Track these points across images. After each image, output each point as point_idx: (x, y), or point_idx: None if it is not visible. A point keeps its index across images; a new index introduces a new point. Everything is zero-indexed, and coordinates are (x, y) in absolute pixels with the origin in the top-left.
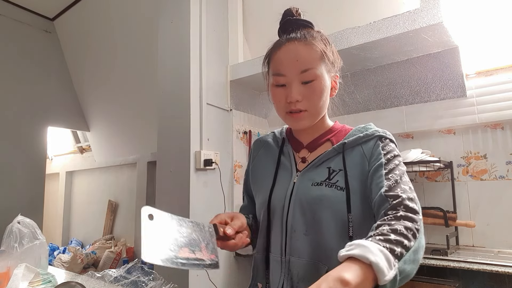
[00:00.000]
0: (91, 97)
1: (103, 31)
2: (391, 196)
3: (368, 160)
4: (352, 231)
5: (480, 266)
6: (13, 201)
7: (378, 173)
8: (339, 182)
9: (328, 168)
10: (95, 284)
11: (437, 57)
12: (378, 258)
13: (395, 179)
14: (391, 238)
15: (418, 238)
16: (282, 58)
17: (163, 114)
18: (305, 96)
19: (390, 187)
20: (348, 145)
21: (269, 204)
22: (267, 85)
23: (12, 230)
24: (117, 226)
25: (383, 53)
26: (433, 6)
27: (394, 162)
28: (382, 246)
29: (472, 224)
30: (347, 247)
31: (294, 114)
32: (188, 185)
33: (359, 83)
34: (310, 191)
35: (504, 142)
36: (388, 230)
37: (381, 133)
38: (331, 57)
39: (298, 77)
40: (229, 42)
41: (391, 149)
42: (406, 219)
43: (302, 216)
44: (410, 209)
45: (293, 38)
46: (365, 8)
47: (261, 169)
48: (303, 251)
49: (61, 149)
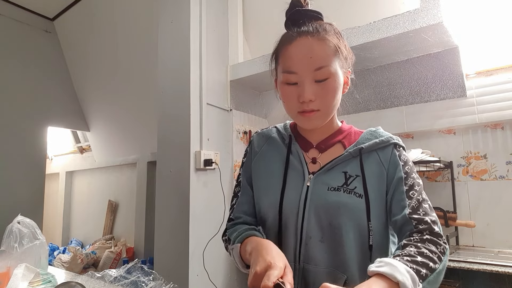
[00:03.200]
0: (91, 97)
1: (103, 31)
2: (415, 219)
3: (386, 168)
4: (372, 240)
5: (480, 266)
6: (13, 201)
7: (399, 189)
8: (358, 188)
9: (344, 172)
10: (95, 284)
11: (437, 57)
12: (405, 278)
13: (417, 198)
14: (417, 260)
15: (443, 261)
16: (293, 54)
17: (163, 114)
18: (319, 95)
19: (413, 208)
20: (365, 150)
21: (280, 208)
22: (274, 82)
23: (12, 230)
24: (117, 226)
25: (383, 53)
26: (433, 6)
27: (412, 176)
28: (409, 267)
29: (472, 224)
30: (377, 263)
31: (306, 114)
32: (188, 185)
33: (359, 83)
34: (326, 196)
35: (504, 142)
36: (415, 252)
37: (395, 141)
38: (344, 51)
39: (311, 75)
40: (229, 42)
41: (407, 159)
42: (431, 242)
43: (318, 222)
44: (435, 233)
45: (305, 32)
46: (365, 8)
47: (266, 167)
48: (319, 258)
49: (61, 149)
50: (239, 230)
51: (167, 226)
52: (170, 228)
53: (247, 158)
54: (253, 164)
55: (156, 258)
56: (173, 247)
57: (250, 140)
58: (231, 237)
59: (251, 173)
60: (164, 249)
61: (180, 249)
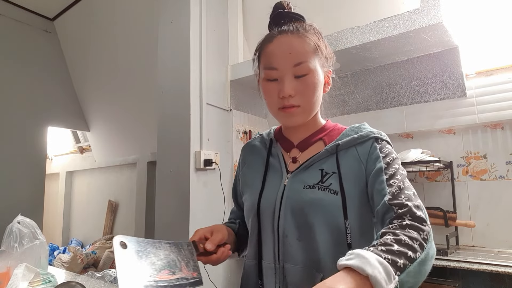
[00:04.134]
0: (91, 97)
1: (103, 31)
2: (395, 204)
3: (364, 163)
4: (351, 238)
5: (480, 266)
6: (13, 201)
7: (379, 179)
8: (333, 185)
9: (320, 170)
10: (95, 284)
11: (437, 57)
12: (376, 270)
13: (398, 185)
14: (394, 249)
15: (426, 249)
16: (274, 51)
17: (163, 114)
18: (298, 91)
19: (393, 194)
20: (342, 146)
21: (258, 208)
22: (257, 81)
23: (12, 230)
24: (117, 226)
25: (383, 53)
26: (433, 6)
27: (394, 166)
28: (383, 258)
29: (472, 224)
30: (347, 256)
31: (287, 110)
32: (188, 185)
33: (359, 83)
34: (302, 194)
35: (504, 142)
36: (392, 240)
37: (376, 134)
38: (324, 51)
39: (291, 70)
40: (229, 42)
41: (389, 151)
42: (412, 228)
43: (294, 220)
44: (417, 218)
45: (286, 31)
46: (365, 8)
47: (250, 174)
48: (297, 257)
49: (61, 149)
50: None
51: (167, 226)
52: (170, 228)
53: (236, 171)
54: (240, 176)
55: None
56: None
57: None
58: None
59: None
60: None
61: None
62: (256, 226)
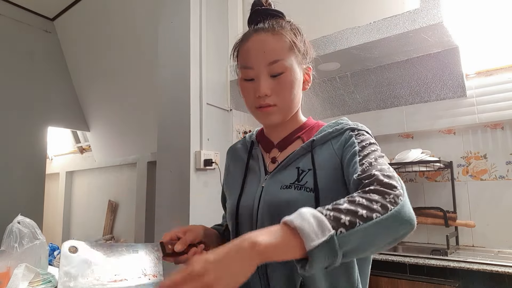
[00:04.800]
0: (91, 97)
1: (103, 31)
2: (365, 177)
3: (339, 156)
4: None
5: (480, 266)
6: (13, 201)
7: (352, 162)
8: (308, 183)
9: (297, 168)
10: None
11: (437, 57)
12: (306, 222)
13: (369, 161)
14: (341, 207)
15: (391, 212)
16: (249, 50)
17: (163, 114)
18: (274, 90)
19: (363, 170)
20: (317, 142)
21: (237, 212)
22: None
23: (12, 230)
24: (117, 226)
25: (383, 53)
26: (433, 6)
27: (369, 148)
28: (323, 214)
29: (472, 224)
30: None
31: (264, 109)
32: (188, 185)
33: (359, 83)
34: (278, 195)
35: (504, 142)
36: (344, 201)
37: (352, 126)
38: (301, 47)
39: (266, 69)
40: (229, 42)
41: (366, 138)
42: (375, 192)
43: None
44: (384, 184)
45: (260, 29)
46: (365, 8)
47: (232, 179)
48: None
49: (61, 149)
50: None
51: (167, 226)
52: (170, 228)
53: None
54: (224, 182)
55: None
56: None
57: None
58: None
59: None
60: None
61: None
62: (234, 231)
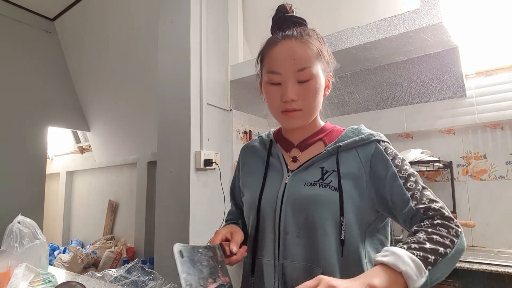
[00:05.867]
0: (91, 97)
1: (103, 31)
2: (422, 208)
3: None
4: (345, 235)
5: (480, 266)
6: (13, 201)
7: (396, 184)
8: (333, 182)
9: (321, 168)
10: (95, 284)
11: (437, 57)
12: (409, 267)
13: (417, 188)
14: (426, 246)
15: (457, 245)
16: (277, 55)
17: (163, 114)
18: (301, 95)
19: (417, 199)
20: (343, 148)
21: (259, 206)
22: (259, 83)
23: (13, 230)
24: (117, 226)
25: (383, 53)
26: (433, 6)
27: (404, 168)
28: (415, 255)
29: (472, 224)
30: (382, 253)
31: (289, 113)
32: (188, 185)
33: (359, 83)
34: (302, 191)
35: (504, 142)
36: (424, 239)
37: (376, 137)
38: (326, 56)
39: (294, 75)
40: (229, 42)
41: (395, 153)
42: (443, 226)
43: (294, 217)
44: (446, 217)
45: (289, 36)
46: (365, 9)
47: (250, 174)
48: (296, 254)
49: (61, 149)
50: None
51: (167, 226)
52: (170, 228)
53: (235, 172)
54: (241, 177)
55: (156, 258)
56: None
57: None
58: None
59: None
60: (164, 249)
61: None
62: (255, 224)
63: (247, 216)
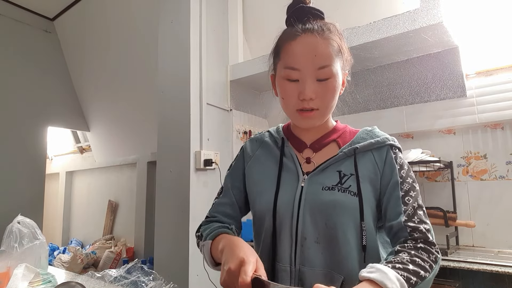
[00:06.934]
0: (91, 97)
1: (103, 31)
2: (410, 226)
3: (379, 169)
4: (366, 240)
5: (480, 266)
6: (13, 201)
7: (395, 194)
8: (352, 187)
9: (338, 171)
10: (95, 284)
11: (437, 57)
12: (395, 285)
13: (413, 205)
14: (409, 268)
15: (434, 270)
16: (297, 50)
17: (163, 114)
18: (319, 94)
19: (409, 216)
20: (360, 150)
21: (274, 210)
22: (271, 77)
23: (12, 230)
24: (117, 226)
25: (383, 53)
26: (433, 6)
27: (407, 181)
28: (400, 275)
29: (472, 224)
30: (368, 269)
31: (305, 113)
32: (188, 185)
33: (359, 83)
34: (321, 196)
35: (504, 142)
36: (407, 260)
37: (391, 142)
38: (345, 53)
39: (314, 73)
40: (229, 42)
41: (403, 163)
42: (424, 250)
43: (313, 222)
44: (429, 242)
45: (311, 30)
46: (365, 8)
47: (261, 171)
48: (315, 260)
49: (61, 149)
50: (211, 227)
51: (167, 226)
52: (170, 228)
53: (236, 162)
54: (247, 169)
55: (156, 258)
56: (173, 247)
57: (242, 147)
58: (204, 233)
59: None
60: (164, 249)
61: (180, 249)
62: (271, 228)
63: (260, 219)
